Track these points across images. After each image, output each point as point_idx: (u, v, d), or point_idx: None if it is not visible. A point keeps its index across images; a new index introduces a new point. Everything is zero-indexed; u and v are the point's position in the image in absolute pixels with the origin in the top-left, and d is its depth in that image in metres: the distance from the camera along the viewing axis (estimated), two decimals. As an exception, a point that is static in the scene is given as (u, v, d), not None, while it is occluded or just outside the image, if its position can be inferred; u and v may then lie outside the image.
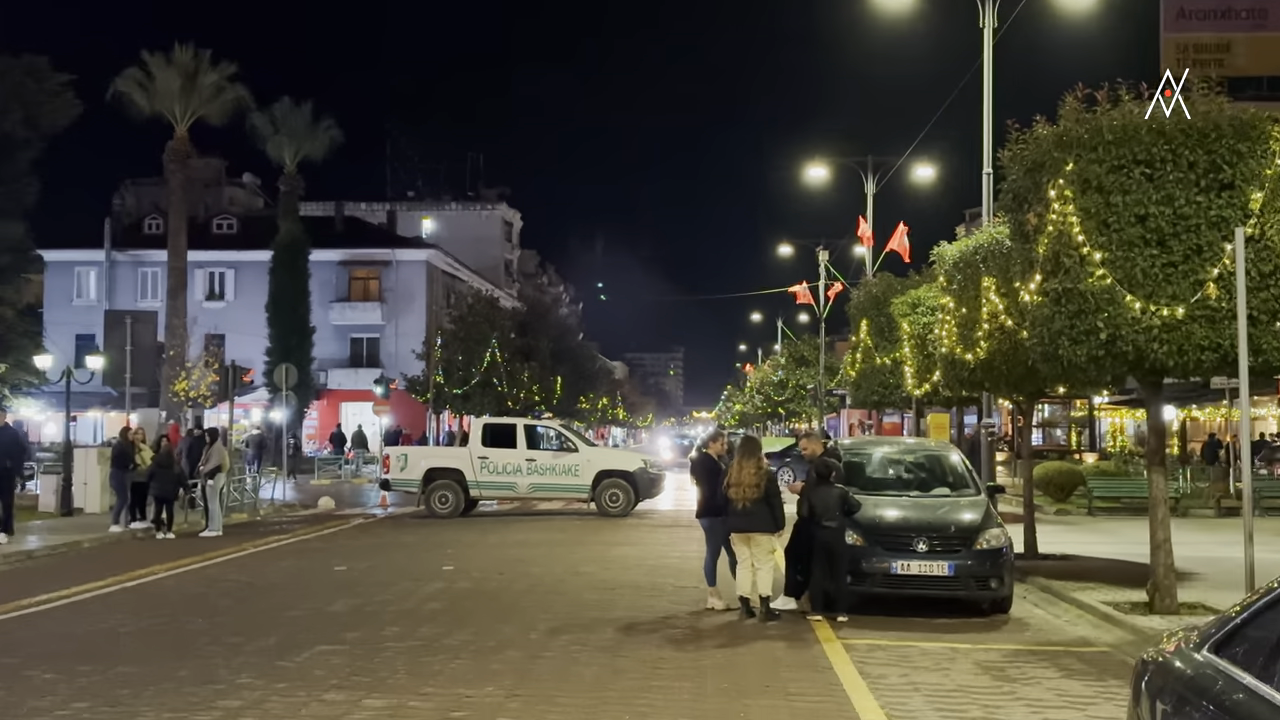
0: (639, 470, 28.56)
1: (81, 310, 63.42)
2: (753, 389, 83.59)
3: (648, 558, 19.17)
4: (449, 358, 53.16)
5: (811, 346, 58.79)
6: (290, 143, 55.67)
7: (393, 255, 68.64)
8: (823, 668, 10.55)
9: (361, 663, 10.49)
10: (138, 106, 46.87)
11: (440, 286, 70.63)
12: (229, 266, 65.79)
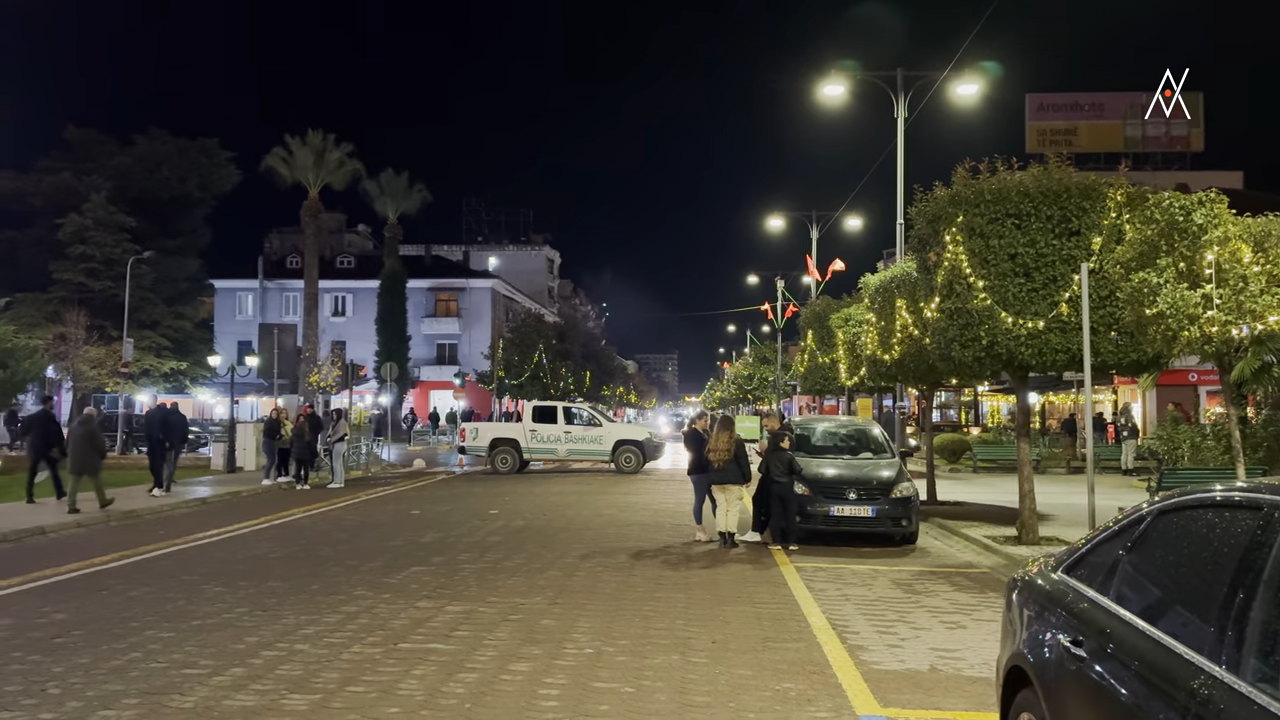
0: (646, 440, 28.54)
1: (241, 324, 63.50)
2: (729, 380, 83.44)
3: (651, 504, 19.15)
4: (507, 358, 53.13)
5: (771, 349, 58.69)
6: (392, 202, 55.70)
7: (466, 284, 68.61)
8: (779, 583, 10.53)
9: (443, 580, 10.48)
10: (282, 176, 46.95)
11: (501, 307, 70.58)
12: (349, 292, 65.84)
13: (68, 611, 8.67)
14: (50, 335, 38.63)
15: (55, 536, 14.00)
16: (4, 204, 46.92)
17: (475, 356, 62.52)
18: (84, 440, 16.44)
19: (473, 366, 61.29)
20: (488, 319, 67.24)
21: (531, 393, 50.09)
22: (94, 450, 16.46)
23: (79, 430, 16.90)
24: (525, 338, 53.81)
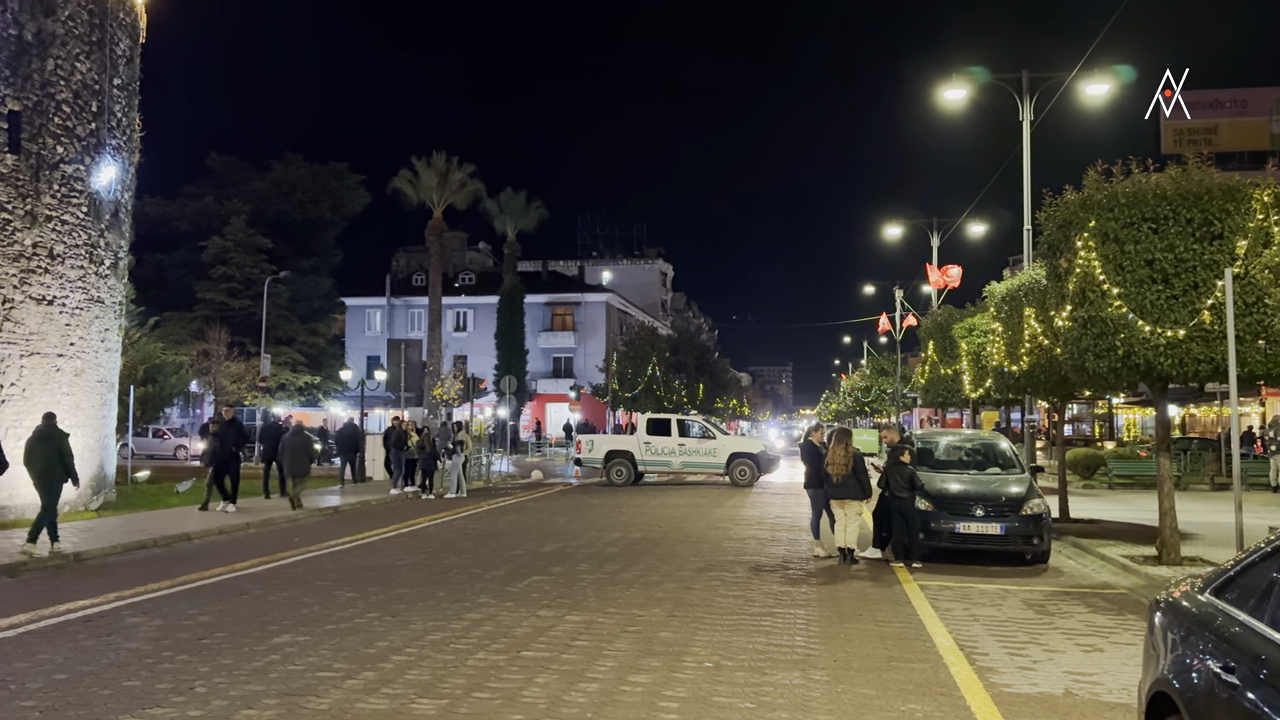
0: (761, 452, 28.32)
1: (370, 339, 65.98)
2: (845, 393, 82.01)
3: (768, 518, 18.97)
4: (621, 371, 53.59)
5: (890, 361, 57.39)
6: (511, 220, 57.04)
7: (582, 298, 69.56)
8: (902, 601, 10.26)
9: (563, 590, 10.62)
10: (408, 197, 48.74)
11: (615, 320, 71.27)
12: (470, 308, 67.62)
13: (212, 614, 9.15)
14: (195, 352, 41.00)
15: (200, 543, 14.80)
16: (153, 228, 50.13)
17: (590, 369, 63.31)
18: (299, 448, 19.26)
19: (587, 379, 62.07)
20: (602, 332, 68.00)
21: (645, 405, 50.36)
22: (305, 456, 19.39)
23: (294, 439, 19.52)
24: (639, 351, 54.18)
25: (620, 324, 71.72)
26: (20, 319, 15.93)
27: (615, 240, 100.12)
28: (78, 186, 17.23)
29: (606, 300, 70.28)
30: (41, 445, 12.67)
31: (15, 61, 15.68)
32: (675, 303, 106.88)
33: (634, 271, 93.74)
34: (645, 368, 52.83)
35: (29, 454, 12.72)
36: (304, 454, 19.41)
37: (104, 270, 18.39)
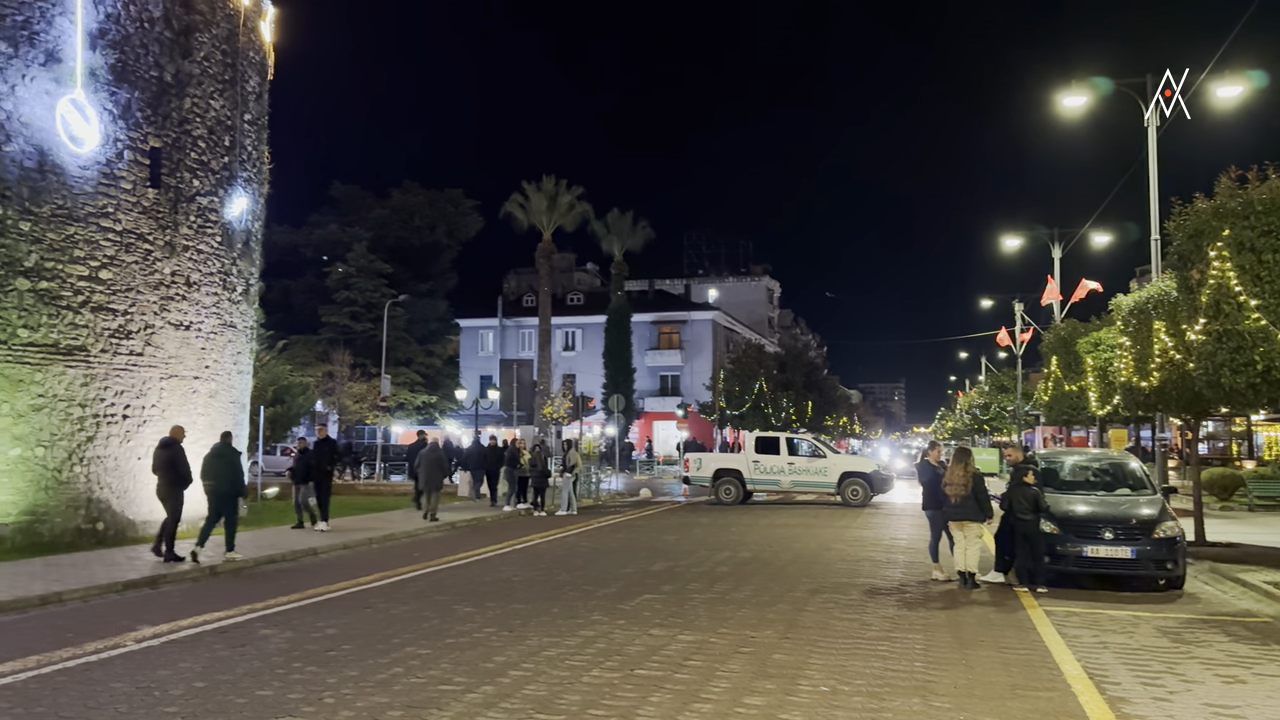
0: (874, 472, 27.74)
1: (483, 359, 67.52)
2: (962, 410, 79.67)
3: (882, 539, 18.53)
4: (729, 389, 53.40)
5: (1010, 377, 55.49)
6: (618, 240, 57.60)
7: (688, 316, 69.64)
8: (1027, 628, 9.86)
9: (674, 608, 10.59)
10: (519, 220, 49.84)
11: (722, 338, 71.08)
12: (578, 328, 68.50)
13: (338, 627, 9.45)
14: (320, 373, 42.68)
15: (326, 557, 15.35)
16: (281, 256, 52.53)
17: (697, 387, 63.25)
18: (434, 464, 20.82)
19: (694, 397, 62.01)
20: (709, 350, 67.89)
21: (753, 423, 50.00)
22: (440, 471, 20.90)
23: (430, 455, 21.05)
24: (746, 368, 53.89)
25: (727, 341, 71.49)
26: (160, 343, 16.89)
27: (721, 258, 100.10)
28: (212, 217, 18.20)
29: (713, 318, 70.17)
30: (218, 462, 14.11)
31: (156, 102, 16.71)
32: (782, 319, 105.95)
33: (740, 289, 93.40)
34: (752, 385, 52.49)
35: (205, 469, 14.11)
36: (438, 469, 20.89)
37: (236, 296, 19.35)
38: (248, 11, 19.35)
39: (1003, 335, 47.71)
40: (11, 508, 14.39)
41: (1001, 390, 59.97)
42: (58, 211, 15.00)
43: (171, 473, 13.67)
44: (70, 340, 15.18)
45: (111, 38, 15.83)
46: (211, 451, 14.32)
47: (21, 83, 14.60)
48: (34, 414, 14.70)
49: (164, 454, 13.77)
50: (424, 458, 21.38)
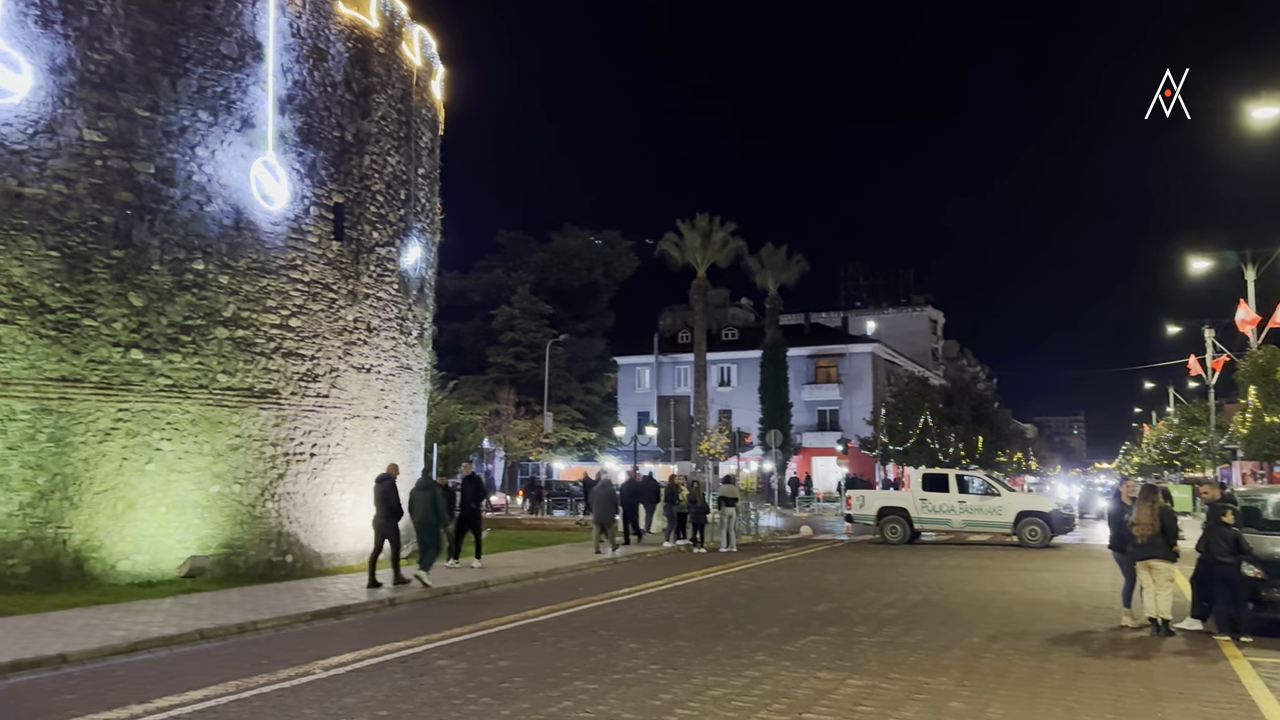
0: (1053, 511, 26.24)
1: (640, 396, 68.32)
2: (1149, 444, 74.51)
3: (1064, 583, 17.45)
4: (891, 423, 51.94)
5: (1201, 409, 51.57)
6: (772, 275, 57.30)
7: (846, 349, 68.32)
8: (1230, 680, 9.04)
9: (841, 651, 10.29)
10: (673, 258, 50.46)
11: (882, 371, 69.29)
12: (733, 363, 68.38)
13: (510, 659, 9.67)
14: (487, 411, 44.24)
15: (495, 590, 15.77)
16: (451, 300, 54.95)
17: (857, 422, 61.79)
18: (606, 500, 21.67)
19: (854, 432, 60.59)
20: (868, 384, 66.31)
21: (918, 459, 48.38)
22: (612, 506, 21.79)
23: (601, 491, 21.93)
24: (909, 402, 52.34)
25: (888, 374, 69.65)
26: (344, 385, 17.93)
27: (879, 289, 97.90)
28: (390, 267, 19.26)
29: (872, 351, 68.59)
30: (422, 495, 15.49)
31: (338, 160, 17.90)
32: (947, 351, 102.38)
33: (900, 320, 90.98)
34: (916, 419, 50.87)
35: (412, 503, 15.50)
36: (610, 505, 21.80)
37: (411, 340, 20.35)
38: (420, 72, 20.53)
39: (1193, 363, 44.44)
40: (212, 541, 15.51)
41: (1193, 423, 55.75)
42: (252, 265, 16.24)
43: (385, 505, 15.05)
44: (264, 384, 16.33)
45: (299, 103, 17.11)
46: (416, 486, 15.84)
47: (220, 148, 15.95)
48: (231, 453, 15.85)
49: (379, 488, 15.18)
50: (596, 494, 22.36)
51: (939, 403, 54.36)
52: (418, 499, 15.51)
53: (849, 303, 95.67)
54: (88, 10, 14.79)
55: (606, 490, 22.06)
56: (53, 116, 14.48)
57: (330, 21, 17.80)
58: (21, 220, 14.17)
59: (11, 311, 14.02)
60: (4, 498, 13.77)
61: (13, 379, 13.97)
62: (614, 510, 22.24)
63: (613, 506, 22.07)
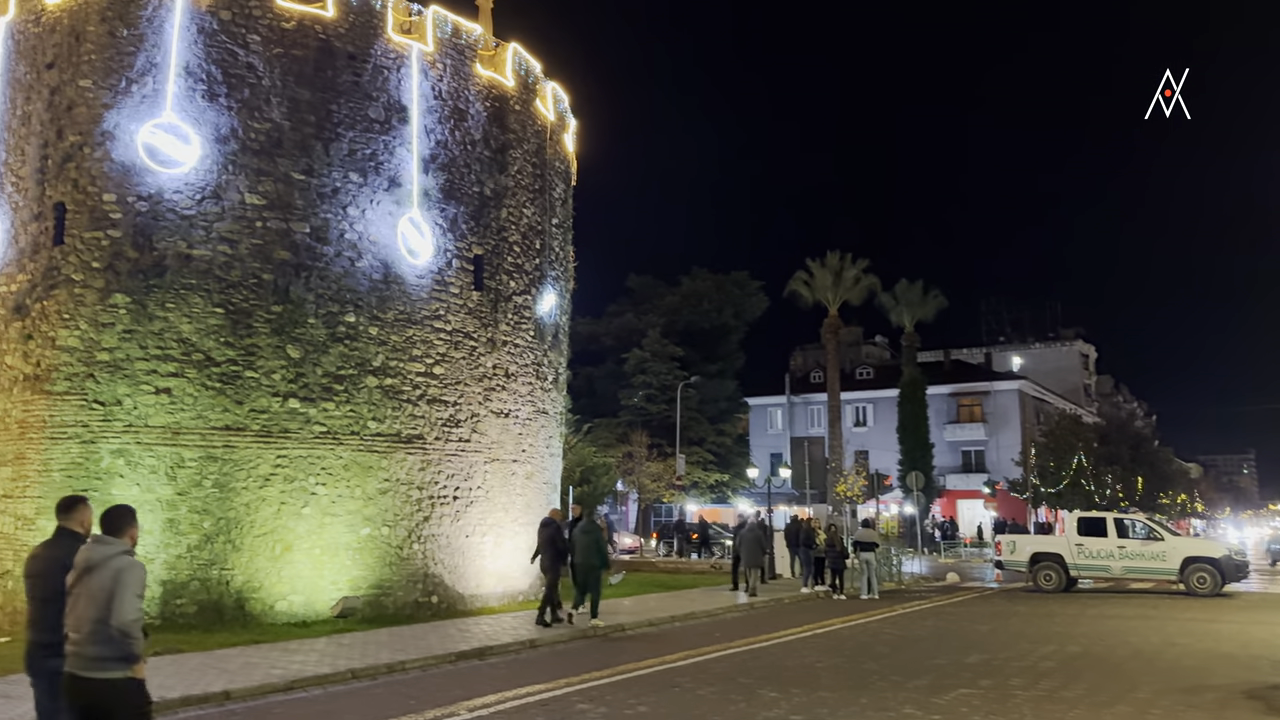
0: (1224, 557, 24.42)
1: (772, 437, 67.61)
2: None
3: (1239, 634, 16.19)
4: (1041, 464, 49.65)
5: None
6: (908, 311, 56.03)
7: (990, 387, 65.87)
8: None
9: (995, 705, 9.84)
10: (803, 298, 50.08)
11: (1030, 409, 66.40)
12: (869, 402, 66.90)
13: (649, 705, 9.68)
14: (620, 453, 44.68)
15: (633, 633, 15.82)
16: (583, 345, 55.98)
17: (1004, 463, 59.31)
18: (754, 543, 21.70)
19: (1002, 474, 58.14)
20: (1015, 422, 63.62)
21: (1072, 501, 46.03)
22: (760, 549, 21.89)
23: (748, 535, 21.88)
24: (1060, 441, 49.95)
25: (1036, 412, 66.70)
26: (484, 430, 18.49)
27: (1024, 323, 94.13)
28: (526, 314, 19.85)
29: (1018, 388, 65.89)
30: (584, 537, 15.97)
31: (478, 214, 18.65)
32: (1100, 386, 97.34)
33: (1048, 355, 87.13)
34: (1069, 460, 48.47)
35: (573, 545, 16.00)
36: (758, 547, 21.86)
37: (547, 385, 20.85)
38: (553, 127, 21.25)
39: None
40: (362, 582, 16.17)
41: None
42: (399, 316, 17.04)
43: (553, 548, 15.67)
44: (410, 430, 17.02)
45: (441, 161, 17.97)
46: (578, 529, 16.32)
47: (370, 206, 16.88)
48: (380, 496, 16.54)
49: (546, 532, 15.84)
50: (743, 536, 22.36)
51: (1093, 442, 51.64)
52: (579, 541, 16.03)
53: (991, 338, 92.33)
54: (248, 83, 16.01)
55: (754, 534, 22.11)
56: (218, 183, 15.68)
57: (469, 83, 18.67)
58: (190, 280, 15.34)
59: (181, 365, 15.14)
60: (174, 541, 14.77)
61: (182, 429, 15.04)
62: (762, 553, 22.33)
63: (760, 549, 22.17)
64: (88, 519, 6.17)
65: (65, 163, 15.59)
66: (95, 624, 5.33)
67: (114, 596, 5.34)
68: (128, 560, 5.55)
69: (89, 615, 5.36)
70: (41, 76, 16.20)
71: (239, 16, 16.09)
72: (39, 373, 15.16)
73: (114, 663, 5.33)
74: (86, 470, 14.73)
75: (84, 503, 6.26)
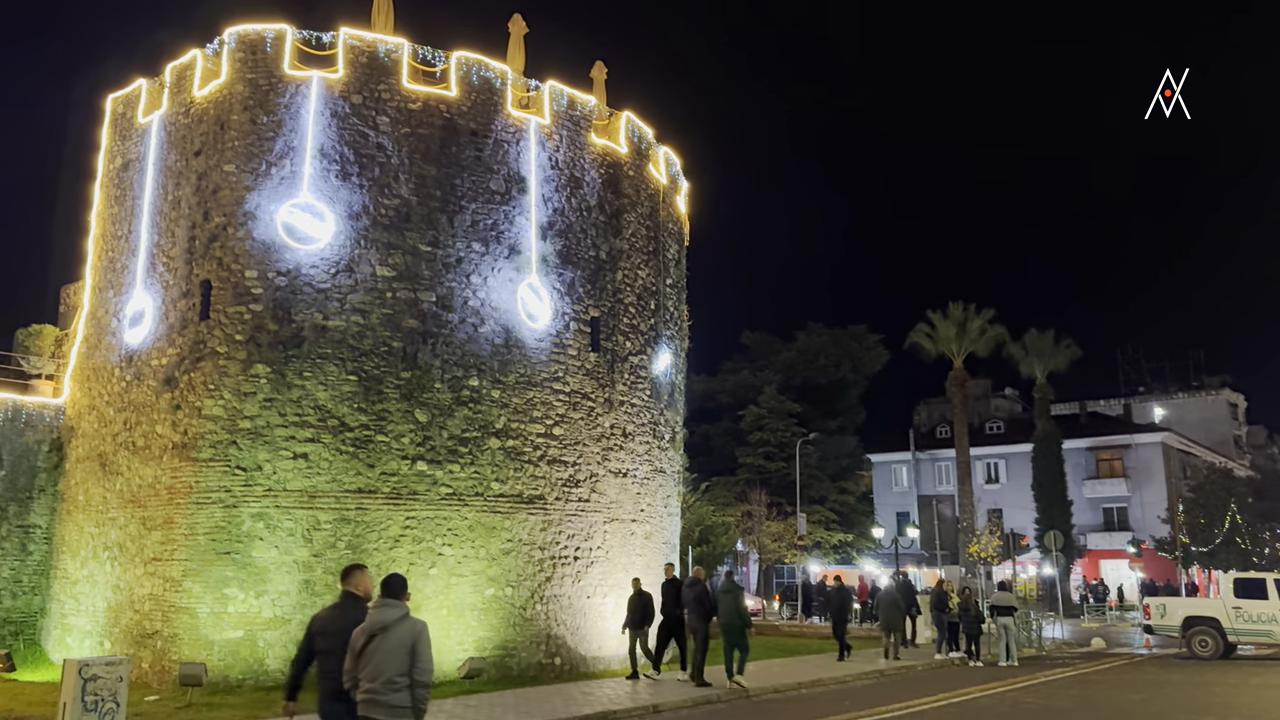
0: (1406, 622, 22.42)
1: (897, 495, 65.78)
2: None
3: None
4: (1190, 521, 46.73)
5: None
6: (1039, 361, 54.00)
7: (1131, 440, 62.58)
8: None
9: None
10: (925, 350, 49.01)
11: (1175, 463, 62.73)
12: (1000, 458, 64.46)
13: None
14: (738, 512, 44.25)
15: (756, 700, 15.52)
16: (699, 403, 55.97)
17: (1149, 520, 56.03)
18: (892, 605, 21.45)
19: (1148, 532, 54.91)
20: (1160, 477, 60.15)
21: (1226, 561, 43.06)
22: (899, 612, 21.53)
23: (888, 596, 21.78)
24: (1210, 496, 46.98)
25: (1183, 466, 62.95)
26: (603, 490, 18.69)
27: (1165, 372, 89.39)
28: (642, 374, 20.10)
29: (1162, 440, 62.40)
30: (726, 598, 16.19)
31: (594, 277, 19.10)
32: (1252, 438, 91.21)
33: (1192, 406, 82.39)
34: (1221, 516, 45.49)
35: (717, 605, 16.19)
36: (896, 610, 21.50)
37: (664, 443, 20.96)
38: (666, 190, 21.68)
39: None
40: (487, 642, 16.43)
41: None
42: (519, 379, 17.52)
43: (701, 607, 15.97)
44: (531, 490, 17.36)
45: (558, 228, 18.55)
46: (719, 589, 16.50)
47: (491, 274, 17.52)
48: (504, 557, 16.86)
49: (691, 591, 16.15)
50: (882, 599, 22.39)
51: (1247, 497, 48.32)
52: (721, 601, 16.17)
53: (1130, 388, 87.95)
54: (378, 162, 16.96)
55: (892, 596, 21.84)
56: (351, 257, 16.57)
57: (584, 152, 19.30)
58: (326, 349, 16.17)
59: (317, 431, 15.90)
60: (310, 602, 15.36)
61: (317, 492, 15.73)
62: (901, 615, 21.89)
63: (899, 611, 21.71)
64: (366, 583, 7.12)
65: (211, 242, 16.76)
66: (396, 677, 6.27)
67: (415, 654, 6.36)
68: (420, 623, 6.52)
69: (387, 669, 6.28)
70: (190, 163, 17.55)
71: (369, 100, 17.13)
72: (186, 441, 16.15)
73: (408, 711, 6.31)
74: (229, 534, 15.54)
75: (362, 570, 7.22)
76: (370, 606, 6.74)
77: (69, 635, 17.59)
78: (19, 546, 18.61)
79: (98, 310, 18.98)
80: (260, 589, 15.35)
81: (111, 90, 19.95)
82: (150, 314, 17.46)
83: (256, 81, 17.12)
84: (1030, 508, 53.40)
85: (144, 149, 18.58)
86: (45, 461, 19.01)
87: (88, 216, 19.96)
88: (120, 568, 16.64)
